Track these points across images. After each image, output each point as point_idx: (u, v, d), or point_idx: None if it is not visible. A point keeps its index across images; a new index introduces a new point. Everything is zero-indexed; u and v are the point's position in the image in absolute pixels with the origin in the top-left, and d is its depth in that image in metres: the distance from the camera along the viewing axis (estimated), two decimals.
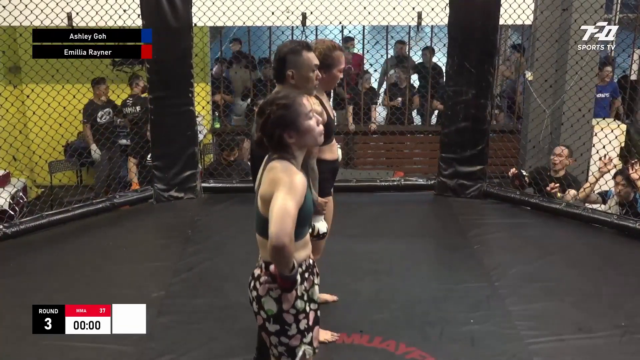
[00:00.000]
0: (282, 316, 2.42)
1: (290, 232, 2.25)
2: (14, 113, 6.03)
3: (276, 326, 2.43)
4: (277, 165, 2.36)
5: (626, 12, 7.45)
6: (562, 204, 5.36)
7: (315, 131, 2.41)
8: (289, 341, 2.44)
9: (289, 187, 2.29)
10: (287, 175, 2.32)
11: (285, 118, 2.36)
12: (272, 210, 2.28)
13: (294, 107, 2.38)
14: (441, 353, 3.45)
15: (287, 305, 2.41)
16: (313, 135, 2.41)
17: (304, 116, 2.38)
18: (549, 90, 6.43)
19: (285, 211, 2.25)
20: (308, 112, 2.40)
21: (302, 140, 2.40)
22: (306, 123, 2.38)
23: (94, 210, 5.37)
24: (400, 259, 4.58)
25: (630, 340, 3.57)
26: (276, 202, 2.28)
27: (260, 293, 2.43)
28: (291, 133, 2.37)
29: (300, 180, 2.32)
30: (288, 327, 2.43)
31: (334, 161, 3.43)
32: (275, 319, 2.42)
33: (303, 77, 2.94)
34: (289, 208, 2.26)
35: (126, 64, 8.17)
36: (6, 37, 6.64)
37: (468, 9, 5.42)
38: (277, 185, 2.31)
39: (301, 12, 6.40)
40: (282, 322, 2.42)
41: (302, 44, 2.99)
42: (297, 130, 2.37)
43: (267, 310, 2.42)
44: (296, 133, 2.37)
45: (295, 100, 2.39)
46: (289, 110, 2.37)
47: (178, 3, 5.29)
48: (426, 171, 7.68)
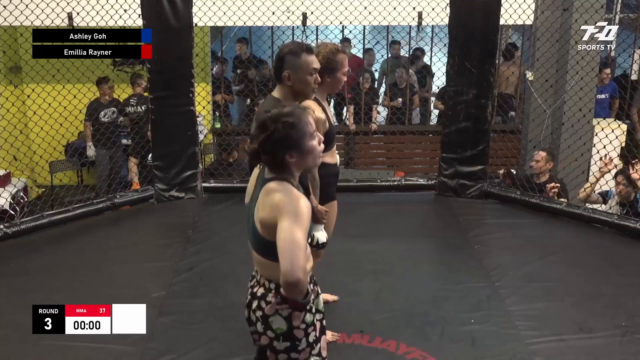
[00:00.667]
0: (292, 333, 2.35)
1: (303, 265, 2.16)
2: (15, 113, 6.03)
3: (286, 343, 2.37)
4: (276, 188, 2.26)
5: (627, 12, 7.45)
6: (562, 204, 5.36)
7: (316, 151, 2.31)
8: (299, 356, 2.39)
9: (294, 215, 2.19)
10: (290, 202, 2.21)
11: (290, 138, 2.24)
12: (280, 242, 2.18)
13: (300, 126, 2.25)
14: (442, 353, 3.45)
15: (297, 321, 2.34)
16: (314, 156, 2.32)
17: (308, 136, 2.27)
18: (549, 90, 6.43)
19: (295, 244, 2.15)
20: (313, 131, 2.29)
21: (303, 161, 2.30)
22: (310, 144, 2.28)
23: (94, 210, 5.37)
24: (401, 259, 4.58)
25: (630, 341, 3.57)
26: (284, 234, 2.18)
27: (268, 312, 2.35)
28: (293, 153, 2.26)
29: (305, 205, 2.23)
30: (298, 343, 2.37)
31: (334, 165, 3.42)
32: (285, 336, 2.36)
33: (300, 79, 2.92)
34: (298, 240, 2.16)
35: (127, 64, 8.18)
36: (7, 37, 6.63)
37: (468, 9, 5.42)
38: (281, 213, 2.20)
39: (302, 12, 6.40)
40: (293, 338, 2.36)
41: (302, 46, 2.97)
42: (301, 151, 2.27)
43: (276, 329, 2.35)
44: (299, 154, 2.27)
45: (301, 119, 2.27)
46: (294, 130, 2.24)
47: (179, 3, 5.30)
48: (427, 171, 7.68)
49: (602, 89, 7.32)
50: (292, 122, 2.24)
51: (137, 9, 5.51)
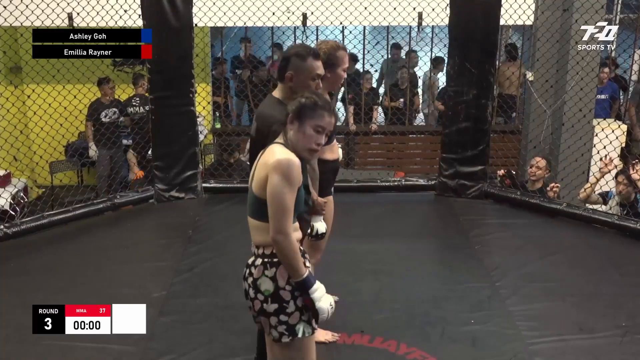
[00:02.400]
0: (279, 293, 2.45)
1: (287, 225, 2.39)
2: (15, 113, 6.03)
3: (275, 305, 2.46)
4: (275, 149, 2.44)
5: (627, 13, 7.45)
6: (563, 204, 5.36)
7: (309, 144, 2.47)
8: (288, 319, 2.47)
9: (285, 176, 2.37)
10: (284, 162, 2.38)
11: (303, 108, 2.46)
12: (268, 200, 2.40)
13: (317, 111, 2.46)
14: (442, 353, 3.45)
15: (282, 281, 2.45)
16: (304, 145, 2.47)
17: (313, 123, 2.46)
18: (549, 91, 6.43)
19: (280, 204, 2.38)
20: (320, 126, 2.46)
21: (296, 138, 2.46)
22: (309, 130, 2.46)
23: (94, 211, 5.37)
24: (401, 259, 4.58)
25: (631, 341, 3.56)
26: (272, 192, 2.39)
27: (256, 276, 2.48)
28: (294, 122, 2.46)
29: (297, 168, 2.39)
30: (286, 304, 2.46)
31: (334, 161, 3.42)
32: (273, 297, 2.46)
33: (302, 82, 2.91)
34: (284, 200, 2.38)
35: (127, 64, 8.17)
36: (7, 38, 6.63)
37: (469, 9, 5.42)
38: (274, 171, 2.38)
39: (302, 12, 6.40)
40: (280, 299, 2.46)
41: (310, 50, 2.95)
42: (299, 126, 2.45)
43: (264, 291, 2.46)
44: (297, 127, 2.45)
45: (325, 109, 2.48)
46: (310, 108, 2.45)
47: (179, 3, 5.30)
48: (427, 171, 7.67)
49: (602, 89, 7.31)
50: (315, 102, 2.47)
51: (137, 9, 5.52)
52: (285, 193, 2.38)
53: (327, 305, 2.49)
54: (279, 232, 2.39)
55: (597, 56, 6.24)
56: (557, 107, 6.37)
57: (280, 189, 2.38)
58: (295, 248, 2.43)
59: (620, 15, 7.31)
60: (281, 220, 2.39)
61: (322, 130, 2.47)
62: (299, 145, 2.47)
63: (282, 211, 2.39)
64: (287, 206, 2.39)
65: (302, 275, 2.44)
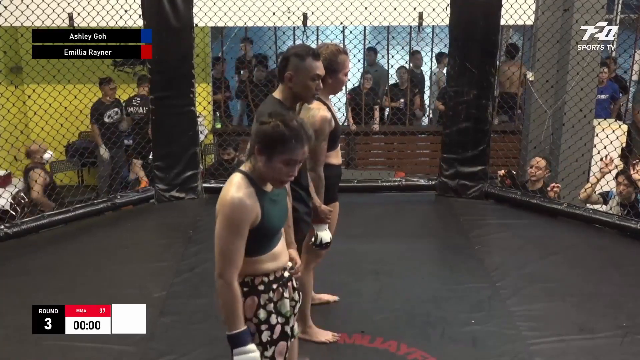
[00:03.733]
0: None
1: (228, 272, 2.24)
2: (15, 113, 6.02)
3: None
4: (231, 180, 2.28)
5: (627, 13, 7.45)
6: (563, 204, 5.36)
7: (278, 176, 2.26)
8: None
9: (225, 217, 2.23)
10: (227, 201, 2.23)
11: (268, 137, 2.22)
12: (215, 242, 2.27)
13: (290, 143, 2.21)
14: (442, 354, 3.44)
15: (249, 313, 2.34)
16: (273, 176, 2.27)
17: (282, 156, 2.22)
18: (550, 91, 6.43)
19: (223, 251, 2.25)
20: (292, 158, 2.23)
21: (265, 168, 2.25)
22: (278, 163, 2.24)
23: (95, 211, 5.38)
24: (402, 259, 4.58)
25: (631, 341, 3.56)
26: (217, 235, 2.26)
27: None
28: (262, 153, 2.23)
29: (240, 206, 2.21)
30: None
31: (338, 166, 3.42)
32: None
33: (301, 83, 2.89)
34: (227, 247, 2.24)
35: (127, 64, 8.17)
36: (7, 38, 6.63)
37: (469, 9, 5.42)
38: (218, 212, 2.25)
39: (302, 12, 6.40)
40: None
41: (309, 51, 2.92)
42: (268, 158, 2.23)
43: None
44: (266, 158, 2.24)
45: (298, 137, 2.23)
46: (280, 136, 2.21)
47: (179, 3, 5.30)
48: (427, 172, 7.67)
49: (602, 89, 7.31)
50: (287, 128, 2.22)
51: (137, 9, 5.51)
52: (228, 239, 2.23)
53: None
54: (220, 277, 2.25)
55: (597, 56, 6.23)
56: (558, 107, 6.37)
57: (223, 235, 2.24)
58: (236, 299, 2.26)
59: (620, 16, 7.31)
60: (222, 265, 2.25)
61: (294, 162, 2.24)
62: (268, 177, 2.28)
63: (224, 258, 2.24)
64: (229, 253, 2.23)
65: (234, 330, 2.28)
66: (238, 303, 2.28)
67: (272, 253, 2.37)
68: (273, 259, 2.38)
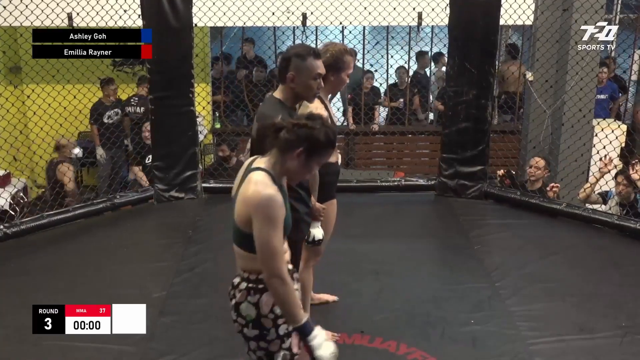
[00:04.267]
0: (260, 321, 2.40)
1: (281, 268, 2.28)
2: (15, 113, 6.02)
3: (255, 331, 2.41)
4: (255, 179, 2.31)
5: (627, 13, 7.45)
6: (562, 204, 5.36)
7: (305, 176, 2.42)
8: (268, 346, 2.42)
9: (266, 217, 2.26)
10: (263, 200, 2.26)
11: (319, 143, 2.31)
12: (257, 245, 2.29)
13: (329, 149, 2.34)
14: (442, 354, 3.45)
15: (265, 309, 2.38)
16: (303, 175, 2.40)
17: (320, 160, 2.36)
18: (549, 91, 6.43)
19: (269, 249, 2.27)
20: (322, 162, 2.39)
21: (298, 168, 2.34)
22: (315, 165, 2.37)
23: (94, 211, 5.37)
24: (401, 259, 4.58)
25: (631, 341, 3.57)
26: (258, 238, 2.28)
27: (238, 299, 2.43)
28: (302, 156, 2.30)
29: (276, 204, 2.27)
30: (267, 332, 2.40)
31: (335, 164, 3.42)
32: (254, 324, 2.40)
33: (303, 82, 2.91)
34: (272, 244, 2.26)
35: (127, 64, 8.17)
36: (7, 38, 6.63)
37: (469, 9, 5.42)
38: (254, 212, 2.27)
39: (301, 12, 6.40)
40: (261, 326, 2.40)
41: (310, 50, 2.94)
42: (307, 159, 2.32)
43: (246, 316, 2.41)
44: (303, 160, 2.31)
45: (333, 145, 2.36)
46: (325, 143, 2.32)
47: (178, 3, 5.30)
48: (427, 171, 7.67)
49: (601, 89, 7.31)
50: (330, 139, 2.33)
51: (137, 9, 5.51)
52: (272, 236, 2.27)
53: (328, 353, 2.36)
54: (274, 276, 2.29)
55: (597, 56, 6.23)
56: (557, 107, 6.37)
57: (266, 233, 2.27)
58: (292, 292, 2.33)
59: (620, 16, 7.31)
60: (273, 265, 2.28)
61: (321, 165, 2.41)
62: (296, 176, 2.38)
63: (273, 255, 2.27)
64: (277, 248, 2.28)
65: (300, 322, 2.34)
66: (295, 295, 2.35)
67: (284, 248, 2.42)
68: (285, 252, 2.43)
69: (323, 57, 3.12)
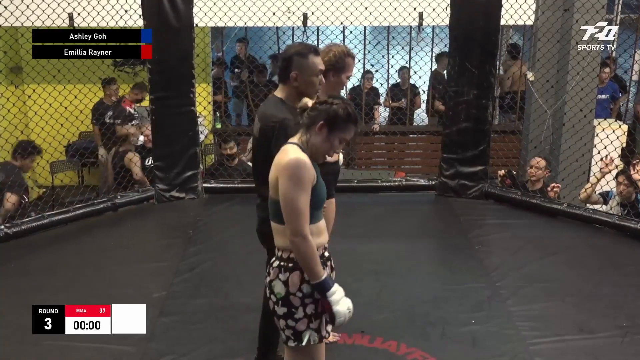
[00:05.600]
0: (289, 299, 2.45)
1: (303, 227, 2.36)
2: (16, 113, 6.02)
3: (284, 309, 2.46)
4: (287, 149, 2.43)
5: (627, 13, 7.44)
6: (563, 204, 5.36)
7: (329, 149, 2.46)
8: (296, 325, 2.47)
9: (294, 178, 2.35)
10: (292, 163, 2.36)
11: (337, 117, 2.42)
12: (282, 205, 2.38)
13: (350, 123, 2.45)
14: (442, 353, 3.45)
15: (293, 287, 2.44)
16: (326, 149, 2.45)
17: (342, 136, 2.45)
18: (550, 91, 6.42)
19: (294, 208, 2.35)
20: (347, 139, 2.47)
21: (319, 141, 2.43)
22: (336, 139, 2.44)
23: (95, 211, 5.38)
24: (402, 259, 4.58)
25: (631, 341, 3.56)
26: (283, 195, 2.37)
27: (271, 277, 2.48)
28: (323, 129, 2.42)
29: (304, 164, 2.37)
30: (295, 310, 2.45)
31: (335, 163, 3.42)
32: (283, 301, 2.46)
33: (306, 80, 2.91)
34: (296, 203, 2.35)
35: (127, 64, 8.17)
36: (8, 38, 6.63)
37: (469, 10, 5.43)
38: (282, 174, 2.37)
39: (302, 12, 6.40)
40: (289, 304, 2.45)
41: (309, 48, 2.96)
42: (329, 132, 2.42)
43: (277, 294, 2.46)
44: (326, 132, 2.42)
45: (355, 123, 2.47)
46: (345, 118, 2.43)
47: (179, 3, 5.30)
48: (427, 172, 7.67)
49: (602, 89, 7.30)
50: (350, 114, 2.44)
51: (137, 9, 5.52)
52: (297, 194, 2.35)
53: (345, 308, 2.47)
54: (296, 234, 2.37)
55: (597, 56, 6.23)
56: (558, 107, 6.36)
57: (290, 190, 2.35)
58: (313, 250, 2.39)
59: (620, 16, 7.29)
60: (296, 223, 2.36)
61: (344, 141, 2.48)
62: (320, 151, 2.46)
63: (296, 213, 2.36)
64: (300, 208, 2.36)
65: (320, 278, 2.41)
66: (316, 252, 2.41)
67: (317, 226, 2.48)
68: (318, 234, 2.48)
69: (326, 56, 3.17)
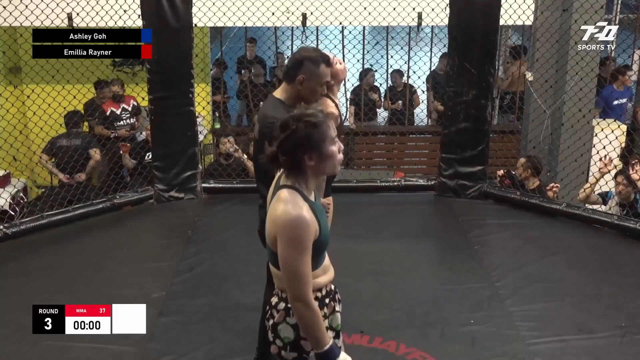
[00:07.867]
0: (299, 343, 2.30)
1: (304, 292, 2.17)
2: (15, 113, 6.03)
3: (294, 354, 2.31)
4: (283, 198, 2.18)
5: (626, 13, 7.45)
6: (562, 204, 5.36)
7: (336, 159, 2.23)
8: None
9: (290, 240, 2.15)
10: (288, 222, 2.14)
11: (311, 138, 2.16)
12: (281, 266, 2.19)
13: (323, 128, 2.18)
14: (442, 354, 3.45)
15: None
16: (333, 163, 2.23)
17: (329, 140, 2.19)
18: (549, 91, 6.43)
19: (293, 273, 2.16)
20: (334, 137, 2.22)
21: (322, 166, 2.21)
22: (330, 148, 2.20)
23: (94, 211, 5.37)
24: (401, 259, 4.58)
25: (631, 341, 3.57)
26: (282, 262, 2.18)
27: (277, 320, 2.32)
28: (312, 155, 2.17)
29: (303, 223, 2.14)
30: (306, 355, 2.32)
31: None
32: (292, 346, 2.31)
33: (311, 87, 2.90)
34: (296, 268, 2.15)
35: (127, 64, 8.17)
36: (7, 38, 6.63)
37: (468, 10, 5.42)
38: (279, 234, 2.17)
39: (301, 12, 6.40)
40: (300, 349, 2.31)
41: (323, 57, 2.93)
42: (320, 154, 2.18)
43: (284, 338, 2.31)
44: (318, 157, 2.18)
45: (324, 121, 2.19)
46: (316, 130, 2.17)
47: (178, 3, 5.30)
48: (426, 172, 7.67)
49: (620, 93, 7.26)
50: (314, 122, 2.17)
51: (137, 9, 5.51)
52: (297, 258, 2.15)
53: None
54: (296, 300, 2.18)
55: (596, 56, 6.23)
56: (557, 107, 6.37)
57: (291, 254, 2.15)
58: (317, 317, 2.21)
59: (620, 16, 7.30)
60: (296, 288, 2.17)
61: (335, 139, 2.23)
62: (328, 170, 2.25)
63: (297, 278, 2.16)
64: (301, 272, 2.16)
65: (324, 347, 2.23)
66: (320, 319, 2.24)
67: (323, 266, 2.34)
68: (324, 272, 2.35)
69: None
